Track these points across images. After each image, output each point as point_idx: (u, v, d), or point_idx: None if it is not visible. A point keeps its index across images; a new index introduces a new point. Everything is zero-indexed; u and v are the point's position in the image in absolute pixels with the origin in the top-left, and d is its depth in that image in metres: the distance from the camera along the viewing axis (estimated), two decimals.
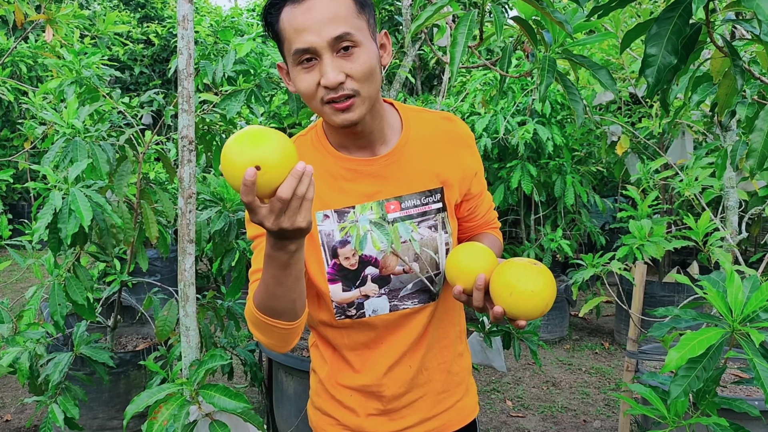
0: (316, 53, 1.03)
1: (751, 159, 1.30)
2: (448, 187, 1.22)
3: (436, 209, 1.21)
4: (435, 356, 1.28)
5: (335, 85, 1.03)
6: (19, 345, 2.33)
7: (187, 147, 1.69)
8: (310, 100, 1.07)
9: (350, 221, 1.17)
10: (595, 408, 3.49)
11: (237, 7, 8.95)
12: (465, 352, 1.36)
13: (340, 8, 1.03)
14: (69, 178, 2.16)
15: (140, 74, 9.30)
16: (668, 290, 4.20)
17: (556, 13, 1.05)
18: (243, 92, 2.61)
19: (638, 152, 3.97)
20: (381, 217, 1.18)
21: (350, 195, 1.18)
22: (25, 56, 6.26)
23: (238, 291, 2.71)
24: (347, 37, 1.02)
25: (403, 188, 1.19)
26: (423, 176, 1.20)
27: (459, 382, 1.33)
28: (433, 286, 1.23)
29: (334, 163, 1.18)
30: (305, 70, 1.04)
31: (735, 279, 1.38)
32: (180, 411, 1.53)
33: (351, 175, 1.18)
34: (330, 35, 1.01)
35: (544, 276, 1.04)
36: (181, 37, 1.64)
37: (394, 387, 1.25)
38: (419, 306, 1.22)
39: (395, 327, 1.22)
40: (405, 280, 1.20)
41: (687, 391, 1.33)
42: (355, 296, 1.19)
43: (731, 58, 1.21)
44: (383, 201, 1.18)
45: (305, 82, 1.05)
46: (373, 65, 1.06)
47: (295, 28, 1.02)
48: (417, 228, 1.19)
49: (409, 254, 1.19)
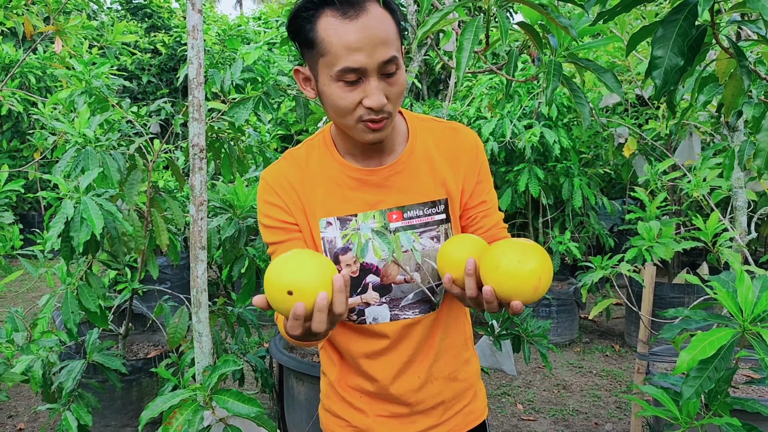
0: (364, 74, 1.02)
1: (759, 159, 1.30)
2: (453, 199, 1.22)
3: (439, 220, 1.21)
4: (443, 366, 1.28)
5: (381, 108, 1.04)
6: (32, 353, 2.35)
7: (198, 155, 1.70)
8: (345, 115, 1.06)
9: (352, 229, 1.18)
10: (607, 411, 3.48)
11: (243, 15, 9.01)
12: (472, 358, 1.36)
13: (389, 30, 1.03)
14: (80, 187, 2.18)
15: (148, 83, 9.38)
16: (678, 291, 4.19)
17: (561, 18, 1.05)
18: (251, 100, 2.62)
19: (646, 154, 3.97)
20: (383, 226, 1.18)
21: (353, 203, 1.18)
22: (34, 67, 6.32)
23: (248, 297, 2.72)
24: (394, 60, 1.03)
25: (407, 198, 1.19)
26: (427, 187, 1.20)
27: (467, 387, 1.33)
28: (435, 296, 1.22)
29: (339, 170, 1.19)
30: (348, 87, 1.03)
31: (745, 279, 1.38)
32: (194, 416, 1.54)
33: (355, 184, 1.18)
34: (381, 59, 1.01)
35: (535, 250, 0.95)
36: (191, 46, 1.66)
37: (402, 395, 1.25)
38: (420, 316, 1.22)
39: (398, 336, 1.23)
40: (406, 289, 1.20)
41: (699, 392, 1.33)
42: (356, 303, 1.20)
43: (737, 59, 1.21)
44: (386, 210, 1.19)
45: (347, 99, 1.04)
46: (405, 86, 1.08)
47: (346, 45, 1.00)
48: (419, 238, 1.19)
49: (411, 264, 1.19)
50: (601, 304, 2.55)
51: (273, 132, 4.13)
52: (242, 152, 2.93)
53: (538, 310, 4.45)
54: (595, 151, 4.68)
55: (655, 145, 3.72)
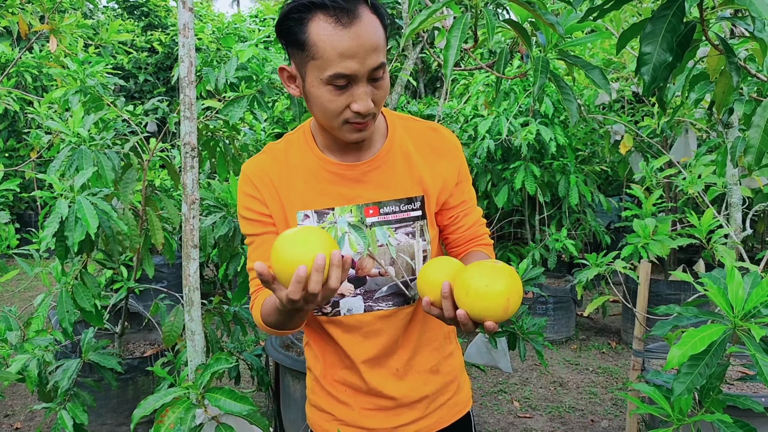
0: (354, 80, 1.05)
1: (749, 155, 1.30)
2: (429, 196, 1.24)
3: (414, 217, 1.23)
4: (425, 360, 1.31)
5: (368, 113, 1.07)
6: (27, 352, 2.35)
7: (189, 153, 1.70)
8: (333, 118, 1.09)
9: (329, 222, 1.21)
10: (603, 408, 3.48)
11: (240, 14, 9.00)
12: (455, 351, 1.38)
13: (379, 38, 1.06)
14: (75, 186, 2.18)
15: (144, 82, 9.36)
16: (674, 289, 4.20)
17: (548, 15, 1.06)
18: (245, 98, 2.63)
19: (642, 151, 3.97)
20: (359, 220, 1.21)
21: (330, 197, 1.21)
22: (30, 66, 6.31)
23: (244, 296, 2.72)
24: (382, 67, 1.06)
25: (383, 194, 1.22)
26: (404, 184, 1.23)
27: (450, 381, 1.36)
28: (408, 290, 1.25)
29: (318, 164, 1.21)
30: (337, 91, 1.06)
31: (735, 275, 1.38)
32: (186, 414, 1.54)
33: (333, 178, 1.21)
34: (371, 66, 1.04)
35: (503, 271, 1.00)
36: (182, 45, 1.66)
37: (383, 387, 1.28)
38: (394, 309, 1.25)
39: (372, 329, 1.25)
40: (380, 282, 1.23)
41: (690, 388, 1.33)
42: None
43: (726, 56, 1.21)
44: (363, 205, 1.21)
45: (335, 103, 1.07)
46: (389, 87, 1.11)
47: (339, 52, 1.02)
48: (394, 233, 1.22)
49: (386, 258, 1.22)
50: (597, 301, 2.55)
51: (269, 130, 4.13)
52: (238, 151, 2.93)
53: (535, 308, 4.45)
54: (591, 148, 4.68)
55: (651, 142, 3.72)
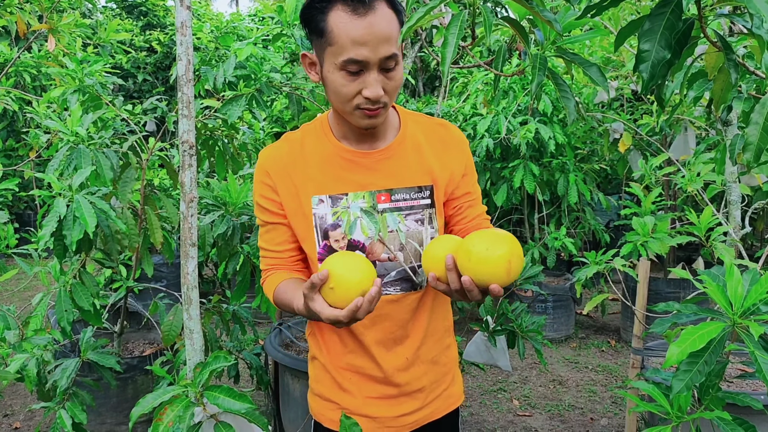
0: (366, 66, 1.11)
1: (748, 152, 1.30)
2: (438, 187, 1.30)
3: (424, 204, 1.29)
4: (429, 349, 1.36)
5: (377, 99, 1.14)
6: (26, 352, 2.35)
7: (187, 152, 1.70)
8: (345, 102, 1.16)
9: (342, 207, 1.26)
10: (603, 406, 3.48)
11: (238, 13, 8.99)
12: (452, 344, 1.45)
13: (393, 29, 1.12)
14: (73, 186, 2.17)
15: (143, 82, 9.36)
16: (674, 286, 4.20)
17: (545, 12, 1.06)
18: (244, 97, 2.62)
19: (641, 149, 3.97)
20: (371, 206, 1.26)
21: (345, 183, 1.26)
22: (29, 66, 6.30)
23: (243, 295, 2.72)
24: (394, 57, 1.13)
25: (395, 182, 1.27)
26: (415, 173, 1.29)
27: (447, 372, 1.42)
28: (416, 276, 1.30)
29: (334, 151, 1.27)
30: (350, 77, 1.13)
31: (734, 272, 1.38)
32: (185, 412, 1.54)
33: (347, 165, 1.27)
34: (383, 54, 1.11)
35: (503, 236, 1.04)
36: (180, 43, 1.66)
37: (392, 374, 1.32)
38: (401, 294, 1.29)
39: (379, 313, 1.29)
40: (389, 267, 1.28)
41: (689, 385, 1.33)
42: None
43: (724, 53, 1.21)
44: (375, 192, 1.27)
45: (348, 87, 1.14)
46: (402, 81, 1.18)
47: (352, 38, 1.09)
48: (404, 220, 1.28)
49: (395, 243, 1.27)
50: (596, 299, 2.55)
51: (267, 129, 4.13)
52: (236, 150, 2.92)
53: (534, 306, 4.45)
54: (590, 146, 4.68)
55: (650, 140, 3.72)
